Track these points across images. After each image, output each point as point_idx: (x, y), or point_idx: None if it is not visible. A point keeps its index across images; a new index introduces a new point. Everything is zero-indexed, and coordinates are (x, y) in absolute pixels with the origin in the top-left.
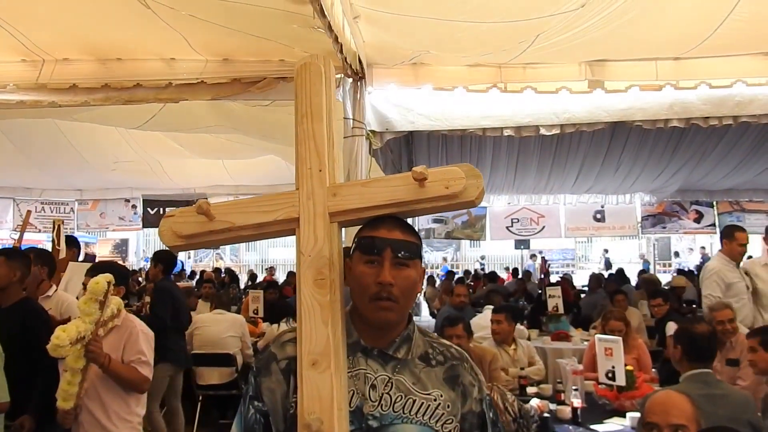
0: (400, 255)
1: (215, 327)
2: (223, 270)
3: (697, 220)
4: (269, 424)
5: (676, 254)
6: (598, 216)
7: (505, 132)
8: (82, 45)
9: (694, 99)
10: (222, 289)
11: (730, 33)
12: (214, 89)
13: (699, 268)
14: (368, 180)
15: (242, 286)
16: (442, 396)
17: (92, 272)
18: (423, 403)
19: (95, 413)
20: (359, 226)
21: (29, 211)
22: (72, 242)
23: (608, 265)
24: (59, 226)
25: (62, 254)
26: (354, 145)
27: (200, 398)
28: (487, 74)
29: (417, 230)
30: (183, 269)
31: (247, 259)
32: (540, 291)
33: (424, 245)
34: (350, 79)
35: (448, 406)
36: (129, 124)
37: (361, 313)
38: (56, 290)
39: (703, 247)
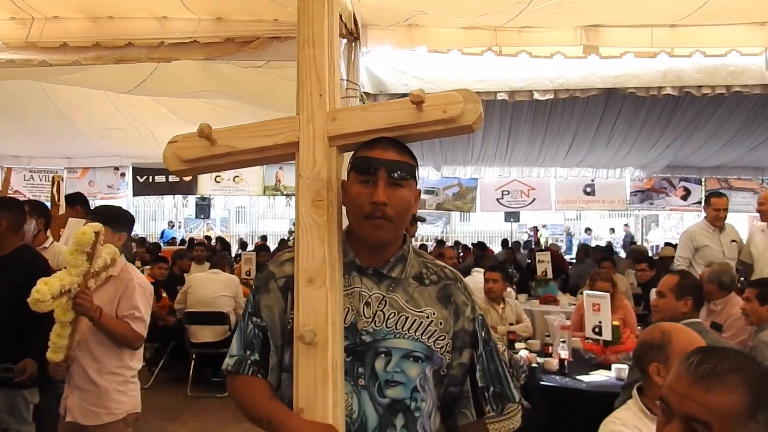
0: (394, 175)
1: (209, 286)
2: (214, 238)
3: (684, 198)
4: (268, 340)
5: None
6: (588, 190)
7: (499, 96)
8: (72, 2)
9: (688, 67)
10: (214, 255)
11: (726, 1)
12: (206, 49)
13: (627, 244)
14: (367, 105)
15: (233, 255)
16: (434, 314)
17: (93, 215)
18: (416, 320)
19: (86, 366)
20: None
21: (9, 169)
22: (80, 200)
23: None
24: (59, 182)
25: (62, 210)
26: (347, 105)
27: (193, 356)
28: (482, 37)
29: None
30: (174, 238)
31: (237, 230)
32: (529, 261)
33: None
34: (344, 40)
35: (441, 324)
36: (119, 88)
37: (356, 232)
38: (53, 242)
39: (626, 225)
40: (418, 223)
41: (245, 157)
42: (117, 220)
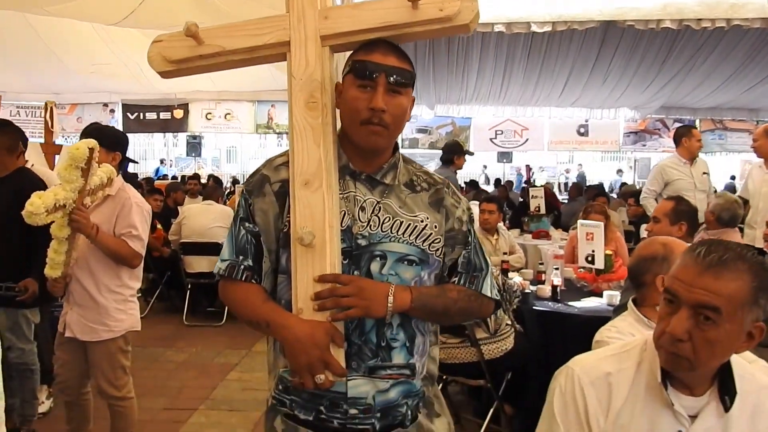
0: (393, 81)
1: (203, 217)
2: (205, 177)
3: None
4: (261, 246)
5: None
6: (582, 130)
7: (496, 27)
8: None
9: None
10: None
11: None
12: None
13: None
14: (360, 2)
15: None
16: (428, 218)
17: (84, 136)
18: (410, 224)
19: (85, 283)
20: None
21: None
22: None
23: (583, 178)
24: (51, 108)
25: (56, 136)
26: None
27: (189, 287)
28: None
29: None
30: (165, 175)
31: (228, 170)
32: (522, 199)
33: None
34: None
35: (435, 227)
36: (106, 20)
37: (350, 136)
38: (33, 166)
39: (620, 171)
40: (466, 156)
41: (234, 57)
42: (110, 138)
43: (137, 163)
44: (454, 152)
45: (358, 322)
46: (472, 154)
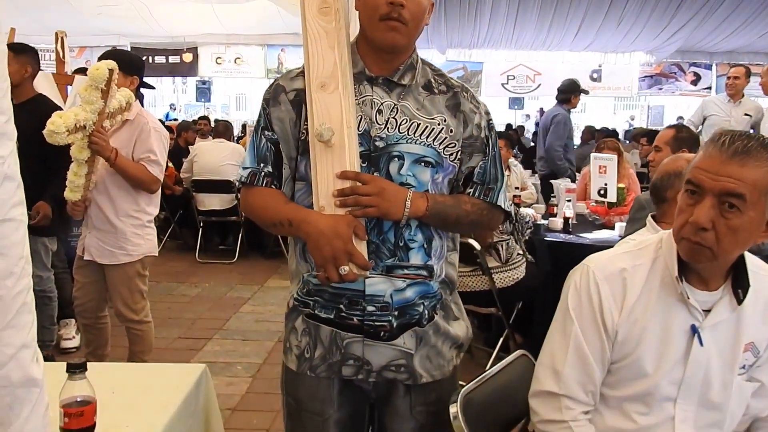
0: None
1: (215, 154)
2: (213, 121)
3: (695, 83)
4: (280, 152)
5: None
6: (595, 75)
7: None
8: None
9: None
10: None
11: None
12: None
13: None
14: None
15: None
16: (445, 121)
17: (103, 58)
18: (427, 126)
19: (103, 208)
20: None
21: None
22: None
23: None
24: (62, 38)
25: (68, 67)
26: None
27: (201, 224)
28: None
29: None
30: (175, 119)
31: (238, 116)
32: (533, 143)
33: None
34: None
35: (451, 131)
36: None
37: (368, 36)
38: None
39: (632, 117)
40: (582, 94)
41: None
42: (127, 62)
43: (154, 88)
44: (571, 91)
45: (377, 222)
46: (587, 92)
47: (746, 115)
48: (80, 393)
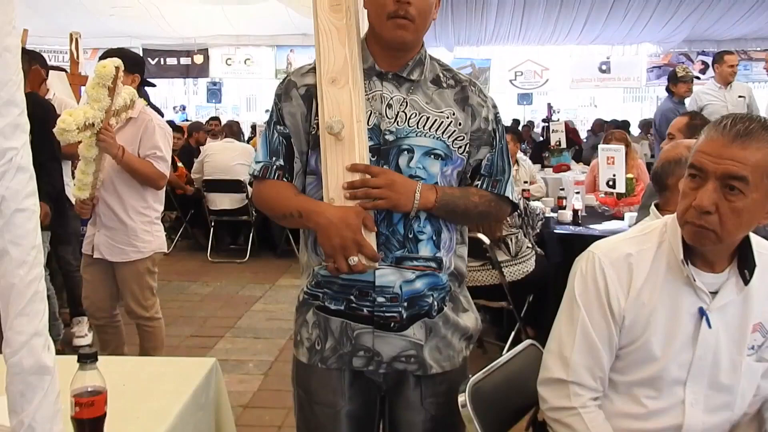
0: None
1: (225, 154)
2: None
3: (703, 71)
4: (291, 146)
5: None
6: (604, 68)
7: None
8: None
9: None
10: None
11: None
12: None
13: None
14: None
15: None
16: (454, 114)
17: (103, 58)
18: (436, 120)
19: (112, 205)
20: None
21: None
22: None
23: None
24: (77, 39)
25: (81, 68)
26: None
27: (212, 224)
28: None
29: None
30: (187, 120)
31: (248, 118)
32: (543, 138)
33: None
34: None
35: (460, 124)
36: None
37: (377, 33)
38: (55, 94)
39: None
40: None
41: None
42: (130, 60)
43: (155, 86)
44: (669, 80)
45: (386, 214)
46: (688, 75)
47: (740, 97)
48: (91, 383)
